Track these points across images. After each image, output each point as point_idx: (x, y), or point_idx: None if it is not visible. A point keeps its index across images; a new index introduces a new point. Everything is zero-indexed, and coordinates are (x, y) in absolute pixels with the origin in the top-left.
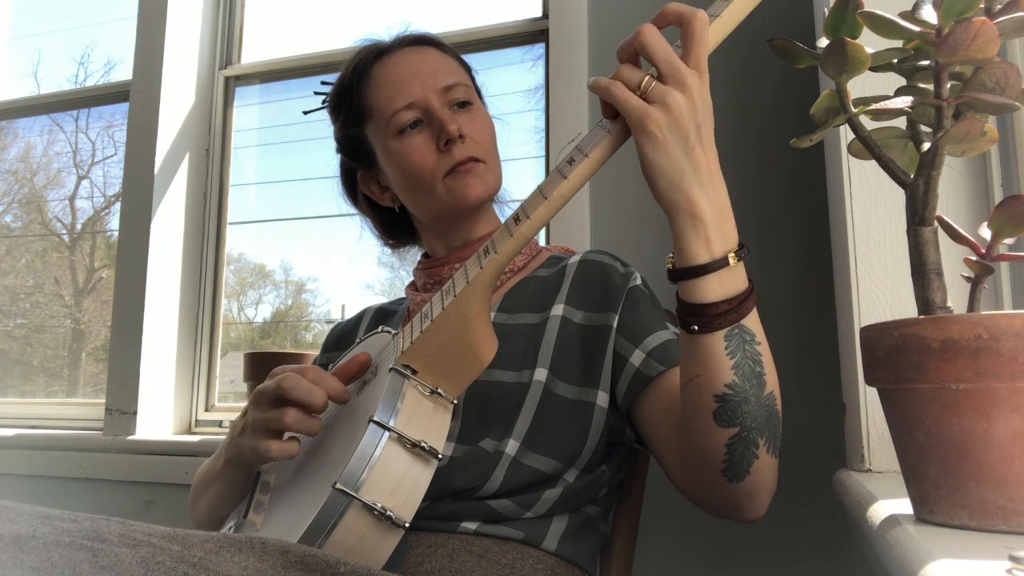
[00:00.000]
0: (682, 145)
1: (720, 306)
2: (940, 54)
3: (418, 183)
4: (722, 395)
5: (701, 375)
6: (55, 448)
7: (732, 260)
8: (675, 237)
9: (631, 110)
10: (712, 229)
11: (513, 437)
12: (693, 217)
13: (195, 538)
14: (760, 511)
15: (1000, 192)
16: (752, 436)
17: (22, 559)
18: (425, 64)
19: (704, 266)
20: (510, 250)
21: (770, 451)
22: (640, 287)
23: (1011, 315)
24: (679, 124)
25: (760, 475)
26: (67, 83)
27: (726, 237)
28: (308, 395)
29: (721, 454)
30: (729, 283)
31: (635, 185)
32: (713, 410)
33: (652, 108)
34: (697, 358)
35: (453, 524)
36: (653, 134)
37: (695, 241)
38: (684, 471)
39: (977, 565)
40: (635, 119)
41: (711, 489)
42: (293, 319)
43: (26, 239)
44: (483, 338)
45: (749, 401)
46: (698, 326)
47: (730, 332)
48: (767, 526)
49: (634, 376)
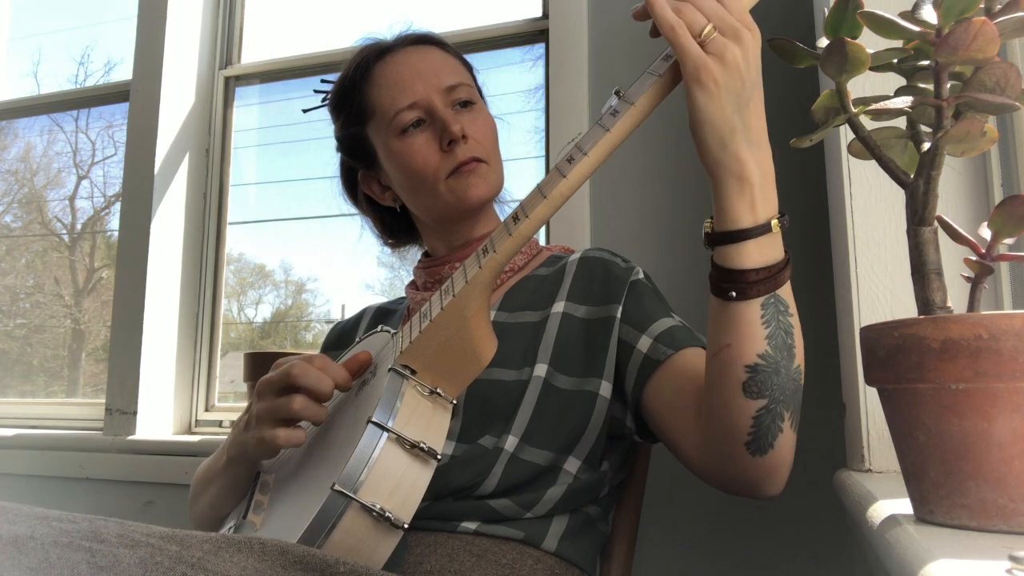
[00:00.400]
0: (735, 101)
1: (760, 273)
2: (940, 54)
3: (420, 183)
4: (754, 365)
5: (733, 344)
6: (55, 448)
7: (775, 226)
8: (718, 198)
9: (690, 57)
10: (758, 192)
11: (512, 433)
12: (740, 178)
13: (194, 538)
14: (779, 487)
15: (1000, 192)
16: (779, 409)
17: (20, 560)
18: (428, 63)
19: (747, 230)
20: (509, 249)
21: (793, 426)
22: (643, 280)
23: (1011, 315)
24: (735, 79)
25: (782, 450)
26: (67, 83)
27: (769, 202)
28: (317, 382)
29: (747, 427)
30: (768, 250)
31: (636, 185)
32: (743, 381)
33: (710, 59)
34: (730, 327)
35: (453, 524)
36: (708, 86)
37: (740, 203)
38: (703, 449)
39: (977, 565)
40: (691, 68)
41: (733, 464)
42: (293, 319)
43: (26, 239)
44: (482, 337)
45: (780, 373)
46: (736, 292)
47: (766, 301)
48: (767, 526)
49: (643, 362)
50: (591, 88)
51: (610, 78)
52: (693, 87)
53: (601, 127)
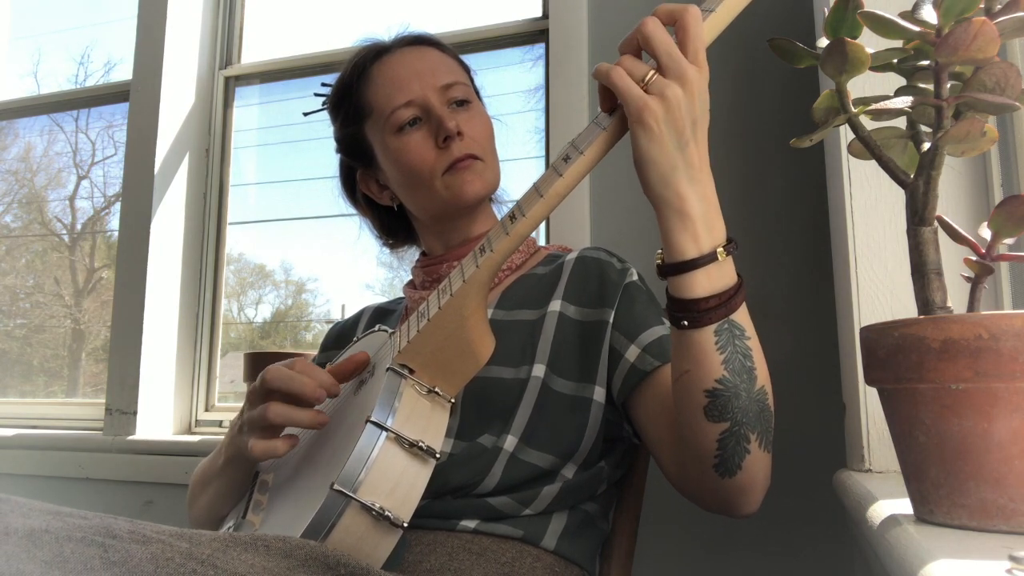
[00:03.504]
0: (676, 140)
1: (709, 301)
2: (940, 54)
3: (417, 180)
4: (712, 390)
5: (691, 370)
6: (55, 448)
7: (720, 255)
8: (663, 232)
9: (631, 99)
10: (700, 225)
11: (511, 433)
12: (681, 212)
13: (203, 536)
14: (752, 507)
15: (1000, 192)
16: (743, 431)
17: (35, 553)
18: (424, 63)
19: (692, 261)
20: (506, 248)
21: (762, 446)
22: (636, 283)
23: (1011, 315)
24: (676, 118)
25: (752, 470)
26: (67, 83)
27: (714, 232)
28: (298, 387)
29: (712, 449)
30: (717, 278)
31: (635, 184)
32: (704, 405)
33: (651, 100)
34: (687, 354)
35: (452, 522)
36: (650, 126)
37: (683, 236)
38: (677, 466)
39: (977, 565)
40: (634, 110)
41: (703, 484)
42: (293, 319)
43: (26, 239)
44: (480, 336)
45: (740, 396)
46: (687, 321)
47: (719, 327)
48: (767, 526)
49: (629, 371)
50: (591, 88)
51: None
52: (636, 127)
53: (597, 126)
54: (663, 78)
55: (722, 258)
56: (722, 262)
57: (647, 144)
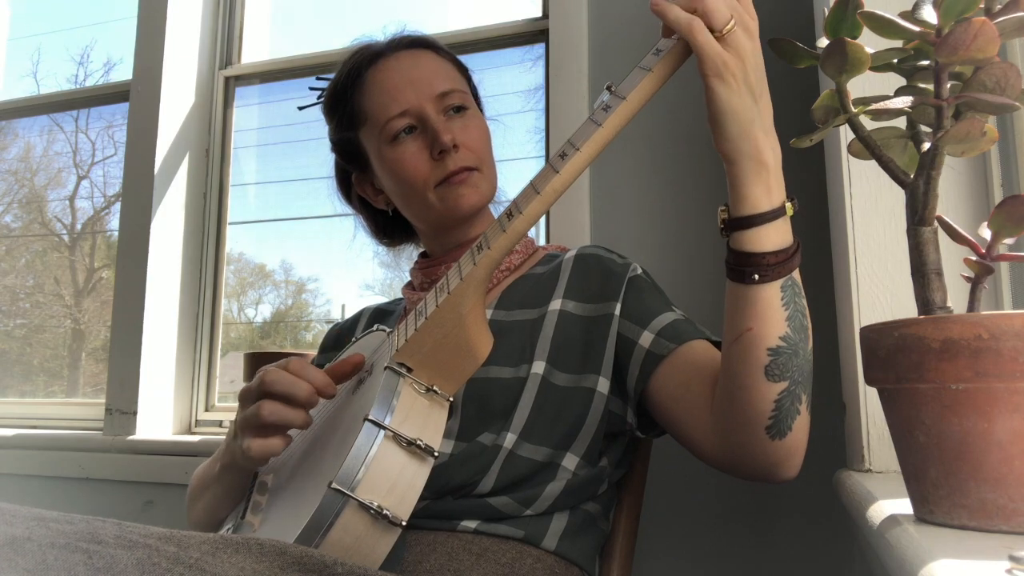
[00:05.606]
0: (752, 92)
1: (779, 255)
2: (940, 54)
3: (411, 191)
4: (776, 347)
5: (755, 328)
6: (55, 448)
7: (789, 208)
8: (737, 185)
9: (711, 56)
10: (773, 176)
11: (511, 431)
12: (759, 163)
13: (192, 539)
14: (794, 471)
15: (1000, 192)
16: (798, 391)
17: (17, 561)
18: (420, 69)
19: (765, 213)
20: (503, 246)
21: (808, 408)
22: (641, 275)
23: (1011, 315)
24: (751, 71)
25: (800, 432)
26: (67, 83)
27: (782, 186)
28: (290, 386)
29: (768, 411)
30: (784, 233)
31: (635, 184)
32: (765, 364)
33: (729, 54)
34: (752, 310)
35: (453, 523)
36: (729, 81)
37: (758, 188)
38: (718, 435)
39: (977, 565)
40: (712, 65)
41: (750, 449)
42: (293, 319)
43: (26, 239)
44: (478, 334)
45: (799, 354)
46: (759, 275)
47: (785, 283)
48: (767, 526)
49: (645, 357)
50: (591, 88)
51: (610, 78)
52: (714, 82)
53: (593, 122)
54: (739, 30)
55: (790, 212)
56: (786, 218)
57: (728, 97)
